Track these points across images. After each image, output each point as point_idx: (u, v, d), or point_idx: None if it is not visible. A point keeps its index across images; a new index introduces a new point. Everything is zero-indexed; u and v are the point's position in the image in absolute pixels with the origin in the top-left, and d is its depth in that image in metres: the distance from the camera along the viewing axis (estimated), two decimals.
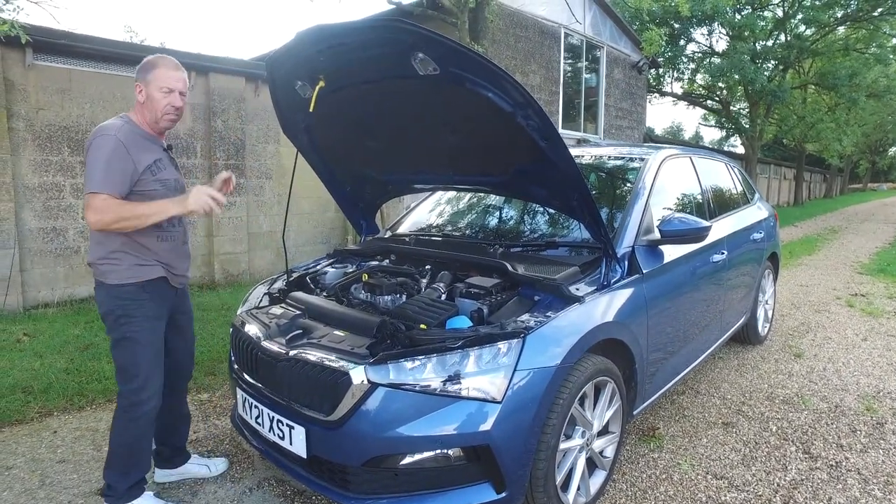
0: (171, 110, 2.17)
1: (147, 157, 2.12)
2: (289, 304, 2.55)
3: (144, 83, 2.14)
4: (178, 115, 2.21)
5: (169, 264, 2.21)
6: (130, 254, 2.11)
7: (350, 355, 2.00)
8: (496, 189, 2.79)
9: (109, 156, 2.00)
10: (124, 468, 2.18)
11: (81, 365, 3.79)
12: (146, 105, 2.15)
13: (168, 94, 2.14)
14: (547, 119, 2.00)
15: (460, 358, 1.92)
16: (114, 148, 2.02)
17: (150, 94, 2.13)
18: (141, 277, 2.12)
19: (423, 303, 2.28)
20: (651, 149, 3.52)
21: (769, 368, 4.00)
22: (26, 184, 5.72)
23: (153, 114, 2.16)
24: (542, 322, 2.06)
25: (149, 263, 2.14)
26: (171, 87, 2.14)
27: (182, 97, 2.19)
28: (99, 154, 2.01)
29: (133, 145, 2.07)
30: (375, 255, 3.05)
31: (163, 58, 2.18)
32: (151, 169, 2.12)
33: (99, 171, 1.98)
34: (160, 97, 2.13)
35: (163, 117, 2.17)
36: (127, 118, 2.15)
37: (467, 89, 2.06)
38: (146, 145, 2.14)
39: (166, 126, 2.22)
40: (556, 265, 2.47)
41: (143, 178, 2.09)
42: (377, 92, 2.41)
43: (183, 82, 2.19)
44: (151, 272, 2.14)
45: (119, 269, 2.09)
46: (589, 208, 2.30)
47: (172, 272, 2.23)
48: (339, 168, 3.09)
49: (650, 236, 2.81)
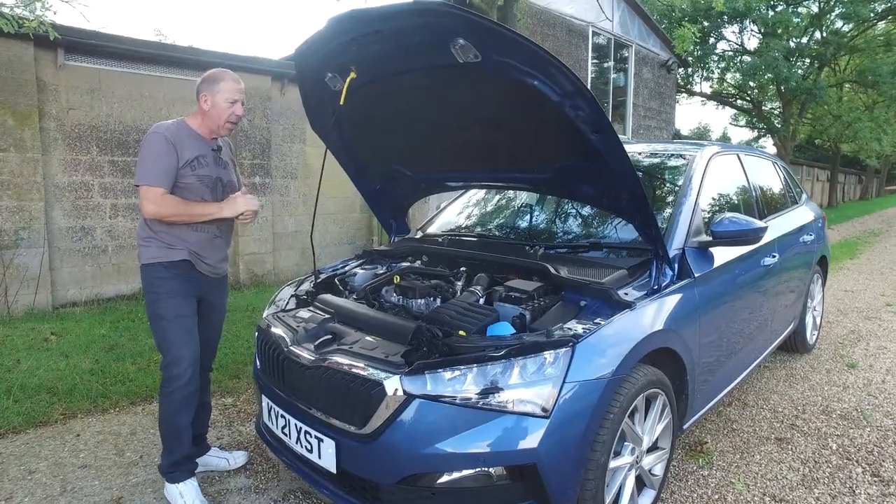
0: (234, 118, 2.41)
1: (190, 152, 2.31)
2: (317, 308, 2.42)
3: (210, 93, 2.36)
4: (236, 123, 2.45)
5: (198, 253, 2.36)
6: (163, 238, 2.30)
7: (384, 364, 1.86)
8: (537, 187, 2.63)
9: (158, 151, 2.24)
10: (167, 445, 2.33)
11: (106, 366, 3.74)
12: (209, 113, 2.37)
13: (232, 105, 2.38)
14: (599, 109, 1.84)
15: (504, 368, 1.77)
16: (161, 144, 2.25)
17: (216, 102, 2.35)
18: (166, 258, 2.30)
19: (461, 307, 2.14)
20: (695, 145, 3.33)
21: (821, 379, 3.75)
22: (56, 183, 5.74)
23: (216, 121, 2.38)
24: (592, 330, 1.89)
25: (175, 247, 2.30)
26: (236, 98, 2.38)
27: (243, 106, 2.43)
28: (150, 150, 2.25)
29: (178, 142, 2.29)
30: (406, 256, 2.92)
31: (225, 72, 2.41)
32: (192, 164, 2.31)
33: (150, 166, 2.24)
34: (225, 107, 2.36)
35: (224, 124, 2.40)
36: (181, 120, 2.39)
37: (511, 78, 1.91)
38: (191, 143, 2.34)
39: (225, 133, 2.45)
40: (600, 268, 2.30)
41: (182, 171, 2.29)
42: (411, 83, 2.28)
43: (244, 92, 2.44)
44: (176, 255, 2.31)
45: (149, 250, 2.31)
46: (641, 207, 2.13)
47: (202, 260, 2.37)
48: (370, 165, 2.97)
49: (700, 238, 2.62)
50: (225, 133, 2.45)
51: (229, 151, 2.59)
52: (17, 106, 5.38)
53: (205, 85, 2.37)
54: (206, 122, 2.38)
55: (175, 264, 2.30)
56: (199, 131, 2.38)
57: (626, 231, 2.69)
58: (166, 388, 2.27)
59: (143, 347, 4.14)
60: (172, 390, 2.26)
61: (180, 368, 2.25)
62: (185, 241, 2.31)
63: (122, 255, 6.20)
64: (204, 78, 2.39)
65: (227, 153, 2.55)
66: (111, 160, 6.09)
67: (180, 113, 6.45)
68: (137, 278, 6.53)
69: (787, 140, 20.38)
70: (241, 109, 2.41)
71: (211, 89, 2.36)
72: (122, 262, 6.20)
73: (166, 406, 2.28)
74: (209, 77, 2.38)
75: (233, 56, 6.97)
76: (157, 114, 6.27)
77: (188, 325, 2.31)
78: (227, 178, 2.48)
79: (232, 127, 2.44)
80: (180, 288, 2.31)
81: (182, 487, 2.29)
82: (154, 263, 2.29)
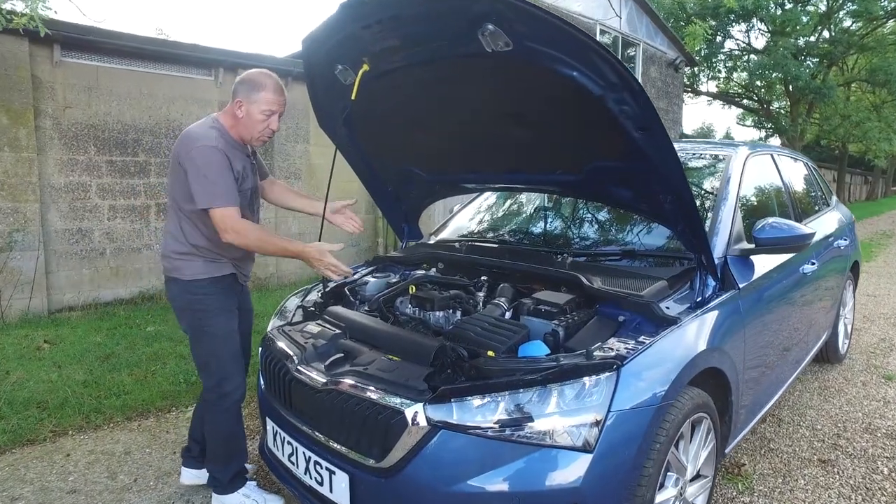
0: (269, 133, 2.17)
1: (237, 166, 2.12)
2: (326, 321, 2.22)
3: (247, 101, 2.10)
4: (271, 137, 2.22)
5: (239, 265, 2.27)
6: (206, 254, 2.15)
7: (404, 389, 1.66)
8: (564, 190, 2.42)
9: (219, 169, 2.02)
10: (225, 459, 2.24)
11: (101, 377, 3.54)
12: (243, 121, 2.13)
13: (268, 118, 2.13)
14: (649, 104, 1.63)
15: (541, 395, 1.57)
16: (220, 160, 2.03)
17: (250, 112, 2.10)
18: (213, 273, 2.16)
19: (487, 323, 1.93)
20: (728, 145, 3.13)
21: (858, 393, 3.54)
22: (52, 183, 5.56)
23: (249, 132, 2.15)
24: (637, 350, 1.69)
25: (221, 261, 2.18)
26: (274, 110, 2.13)
27: (280, 119, 2.18)
28: (208, 167, 2.01)
29: (230, 154, 2.09)
30: (420, 263, 2.72)
31: (269, 76, 2.14)
32: (238, 178, 2.12)
33: (211, 184, 2.00)
34: (260, 119, 2.11)
35: (258, 138, 2.16)
36: (218, 125, 2.13)
37: (544, 68, 1.71)
38: (236, 154, 2.14)
39: (257, 145, 2.25)
40: (636, 278, 2.09)
41: None
42: (430, 76, 2.07)
43: (284, 104, 2.17)
44: (223, 269, 2.19)
45: (194, 265, 2.14)
46: (686, 212, 1.92)
47: (241, 272, 2.29)
48: (382, 165, 2.77)
49: (741, 245, 2.41)
50: (257, 146, 2.26)
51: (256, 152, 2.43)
52: (12, 104, 5.20)
53: (242, 88, 2.10)
54: (238, 129, 2.15)
55: (222, 279, 2.19)
56: (236, 138, 2.16)
57: (658, 237, 2.50)
58: (222, 404, 2.19)
59: (140, 357, 3.94)
60: (229, 406, 2.20)
61: (235, 384, 2.20)
62: (228, 254, 2.19)
63: (121, 258, 6.01)
64: (243, 79, 2.11)
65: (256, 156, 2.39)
66: (109, 160, 5.89)
67: (181, 112, 6.25)
68: (136, 282, 6.42)
69: (795, 140, 20.14)
70: (276, 123, 2.16)
71: (248, 96, 2.09)
72: (120, 265, 6.01)
73: (224, 421, 2.21)
74: (249, 80, 2.10)
75: (235, 53, 6.77)
76: (156, 112, 6.08)
77: (237, 340, 2.23)
78: (255, 185, 2.32)
79: (264, 142, 2.23)
80: (227, 303, 2.21)
81: (245, 491, 2.26)
82: (202, 279, 2.15)
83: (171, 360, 3.91)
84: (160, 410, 3.20)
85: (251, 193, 2.26)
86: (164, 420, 3.11)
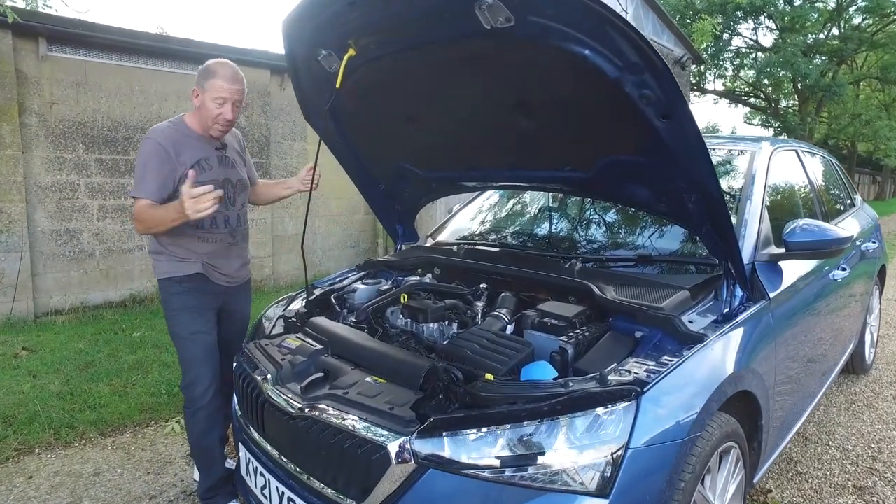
0: (223, 121, 2.12)
1: (192, 157, 2.10)
2: (308, 334, 1.99)
3: (201, 89, 2.09)
4: (229, 126, 2.18)
5: (212, 263, 2.19)
6: (172, 251, 2.13)
7: (388, 418, 1.43)
8: (573, 188, 2.18)
9: (147, 160, 2.04)
10: (201, 466, 2.23)
11: (77, 387, 3.33)
12: (200, 111, 2.12)
13: (221, 106, 2.09)
14: (674, 86, 1.40)
15: (548, 429, 1.34)
16: (153, 151, 2.04)
17: (203, 101, 2.09)
18: (179, 272, 2.13)
19: (485, 338, 1.70)
20: (747, 140, 2.89)
21: (889, 408, 3.29)
22: (38, 183, 5.35)
23: (204, 122, 2.12)
24: (659, 373, 1.45)
25: (187, 260, 2.14)
26: (225, 97, 2.08)
27: (235, 109, 2.13)
28: (140, 158, 2.06)
29: (176, 146, 2.07)
30: (415, 268, 2.49)
31: (223, 65, 2.12)
32: (194, 169, 2.06)
33: (137, 176, 2.05)
34: (213, 107, 2.08)
35: (213, 126, 2.13)
36: (179, 119, 2.17)
37: (551, 47, 1.48)
38: (192, 144, 2.12)
39: (216, 135, 2.18)
40: (653, 287, 1.86)
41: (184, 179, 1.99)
42: (424, 60, 1.85)
43: (239, 93, 2.13)
44: (188, 268, 2.14)
45: (161, 264, 2.15)
46: (713, 212, 1.68)
47: (217, 271, 2.20)
48: (373, 162, 2.54)
49: (769, 250, 2.17)
50: (217, 136, 2.18)
51: (238, 146, 2.36)
52: None
53: (198, 77, 2.11)
54: (199, 119, 2.14)
55: (188, 278, 2.14)
56: (198, 130, 2.15)
57: (675, 241, 2.27)
58: (189, 408, 2.17)
59: (122, 365, 3.73)
60: (195, 411, 2.15)
61: (201, 388, 2.13)
62: (196, 252, 2.14)
63: (111, 260, 5.81)
64: (200, 69, 2.13)
65: (234, 150, 2.32)
66: (99, 158, 5.69)
67: (173, 109, 6.04)
68: (127, 284, 6.21)
69: (804, 139, 19.83)
70: (230, 112, 2.11)
71: (202, 84, 2.10)
72: (110, 266, 5.81)
73: (191, 428, 2.19)
74: (203, 69, 2.12)
75: (229, 49, 6.56)
76: (148, 109, 5.88)
77: (206, 342, 2.16)
78: (236, 178, 2.27)
79: (222, 132, 2.17)
80: (194, 302, 2.15)
81: None
82: (167, 279, 2.14)
83: (154, 368, 3.70)
84: (137, 425, 2.99)
85: (225, 185, 2.19)
86: (141, 436, 2.89)
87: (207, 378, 2.15)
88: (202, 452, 2.22)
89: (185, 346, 2.14)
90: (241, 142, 2.42)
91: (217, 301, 2.23)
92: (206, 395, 2.15)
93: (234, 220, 2.25)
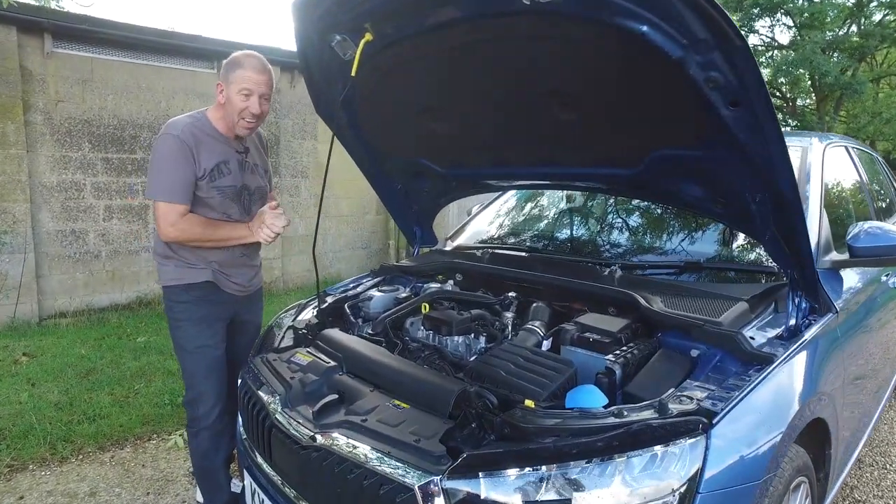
0: (249, 116, 1.96)
1: (211, 159, 1.95)
2: (319, 348, 1.80)
3: (225, 83, 1.94)
4: (256, 122, 2.01)
5: (224, 272, 2.05)
6: (182, 256, 1.98)
7: (413, 452, 1.24)
8: (614, 187, 1.98)
9: (171, 157, 1.88)
10: (204, 490, 2.12)
11: (77, 396, 3.17)
12: (225, 107, 1.97)
13: (247, 98, 1.93)
14: (751, 66, 1.18)
15: (602, 469, 1.14)
16: (176, 148, 1.88)
17: (229, 95, 1.94)
18: (185, 279, 1.99)
19: (520, 356, 1.50)
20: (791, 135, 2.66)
21: None
22: (43, 182, 5.23)
23: (230, 117, 1.97)
24: (726, 401, 1.24)
25: (197, 266, 1.99)
26: (251, 89, 1.93)
27: (264, 102, 1.97)
28: (162, 156, 1.90)
29: (197, 145, 1.92)
30: (435, 274, 2.30)
31: (249, 56, 1.96)
32: (212, 173, 1.95)
33: (165, 177, 1.88)
34: (238, 101, 1.93)
35: (239, 122, 1.97)
36: (201, 115, 2.01)
37: (602, 23, 1.28)
38: (213, 146, 1.97)
39: (242, 133, 2.02)
40: (707, 298, 1.65)
41: (200, 183, 1.93)
42: (448, 44, 1.65)
43: (266, 85, 1.97)
44: (198, 275, 1.99)
45: (167, 270, 2.00)
46: (782, 215, 1.47)
47: (229, 279, 2.06)
48: (389, 159, 2.35)
49: (831, 256, 1.96)
50: (243, 134, 2.03)
51: (259, 149, 2.21)
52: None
53: (223, 71, 1.97)
54: (224, 118, 1.99)
55: (196, 286, 1.99)
56: (221, 129, 2.00)
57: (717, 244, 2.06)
58: (192, 427, 2.04)
59: (125, 373, 3.57)
60: (198, 430, 2.02)
61: (205, 407, 2.00)
62: (208, 258, 2.00)
63: (118, 261, 5.67)
64: (224, 62, 1.99)
65: (255, 153, 2.16)
66: (105, 157, 5.56)
67: (181, 107, 5.89)
68: (134, 286, 6.07)
69: None
70: (257, 106, 1.95)
71: (226, 77, 1.95)
72: (116, 268, 5.67)
73: (194, 448, 2.05)
74: (228, 61, 1.97)
75: (238, 45, 6.38)
76: (156, 107, 5.73)
77: (213, 357, 2.02)
78: (255, 185, 2.12)
79: (249, 127, 2.01)
80: (203, 313, 2.00)
81: None
82: (173, 286, 1.99)
83: (158, 376, 3.53)
84: (139, 438, 2.82)
85: (242, 193, 2.05)
86: (142, 450, 2.73)
87: (213, 395, 2.01)
88: (205, 474, 2.09)
89: (189, 360, 2.00)
90: (264, 144, 2.25)
91: (227, 311, 2.09)
92: (211, 414, 2.01)
93: None
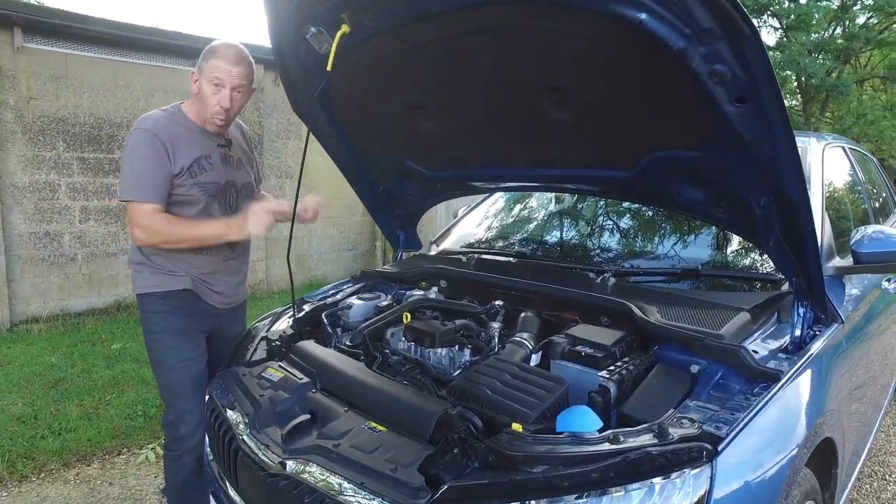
0: (219, 110, 1.81)
1: (189, 154, 1.82)
2: (292, 362, 1.68)
3: (199, 72, 1.82)
4: (225, 118, 1.85)
5: (205, 280, 1.90)
6: (158, 262, 1.84)
7: (390, 484, 1.12)
8: (608, 189, 1.87)
9: (142, 155, 1.75)
10: None
11: (42, 408, 3.01)
12: (199, 98, 1.84)
13: (217, 91, 1.78)
14: (761, 58, 1.08)
15: (595, 502, 1.03)
16: (148, 144, 1.75)
17: (201, 85, 1.81)
18: (162, 287, 1.84)
19: (507, 372, 1.39)
20: None
21: None
22: (15, 182, 5.04)
23: (203, 111, 1.84)
24: (732, 424, 1.14)
25: (175, 273, 1.85)
26: (223, 80, 1.78)
27: (236, 96, 1.82)
28: (134, 153, 1.76)
29: (173, 140, 1.79)
30: (418, 280, 2.18)
31: (226, 45, 1.82)
32: (192, 169, 1.81)
33: (132, 175, 1.74)
34: (209, 92, 1.79)
35: (211, 117, 1.83)
36: (175, 108, 1.89)
37: (598, 12, 1.17)
38: (192, 139, 1.84)
39: (213, 130, 1.88)
40: (706, 308, 1.55)
41: (178, 180, 1.79)
42: (432, 36, 1.54)
43: (239, 77, 1.81)
44: (175, 283, 1.85)
45: (142, 276, 1.86)
46: (789, 220, 1.37)
47: (210, 289, 1.91)
48: (371, 159, 2.22)
49: (834, 262, 1.87)
50: (213, 129, 1.88)
51: (244, 143, 2.08)
52: None
53: (199, 59, 1.84)
54: (200, 110, 1.86)
55: (174, 294, 1.85)
56: (199, 122, 1.87)
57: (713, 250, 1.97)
58: (172, 450, 1.86)
59: (97, 382, 3.41)
60: (181, 453, 1.84)
61: (187, 427, 1.83)
62: (188, 264, 1.85)
63: (94, 264, 5.49)
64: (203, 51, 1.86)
65: (239, 147, 2.02)
66: (80, 157, 5.37)
67: (160, 104, 5.69)
68: (112, 290, 5.87)
69: None
70: (227, 100, 1.80)
71: (200, 66, 1.82)
72: (93, 271, 5.49)
73: (174, 472, 1.87)
74: (205, 49, 1.85)
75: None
76: (133, 105, 5.55)
77: (195, 371, 1.87)
78: (242, 181, 1.99)
79: (218, 124, 1.86)
80: (182, 324, 1.86)
81: None
82: (148, 294, 1.84)
83: (131, 385, 3.38)
84: (107, 453, 2.67)
85: (228, 190, 1.94)
86: (110, 466, 2.58)
87: (197, 414, 1.82)
88: (184, 502, 1.90)
89: (169, 376, 1.85)
90: (248, 137, 2.12)
91: (207, 324, 1.95)
92: (195, 435, 1.82)
93: None
